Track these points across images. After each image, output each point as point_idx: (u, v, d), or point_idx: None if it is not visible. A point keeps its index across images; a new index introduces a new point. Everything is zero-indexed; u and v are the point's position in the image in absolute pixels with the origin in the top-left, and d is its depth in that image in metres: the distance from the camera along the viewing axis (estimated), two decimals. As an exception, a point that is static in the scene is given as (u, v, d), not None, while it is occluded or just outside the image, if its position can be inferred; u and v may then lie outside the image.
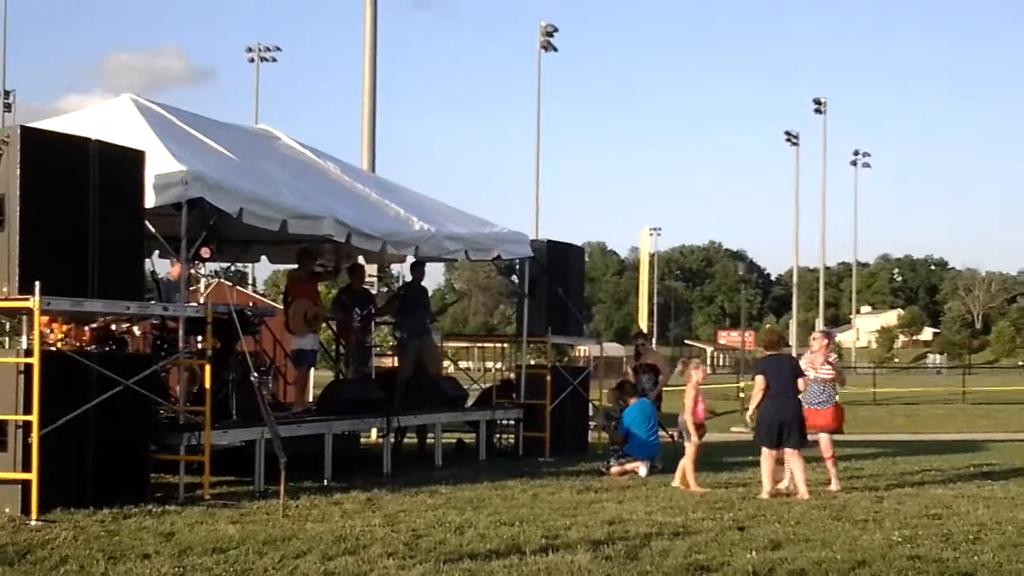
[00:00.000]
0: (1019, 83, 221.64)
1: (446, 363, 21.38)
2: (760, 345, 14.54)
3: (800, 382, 13.32)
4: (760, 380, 13.36)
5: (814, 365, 14.04)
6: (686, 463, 13.90)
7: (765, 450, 13.20)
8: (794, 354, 14.11)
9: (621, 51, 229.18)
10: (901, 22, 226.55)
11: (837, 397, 14.40)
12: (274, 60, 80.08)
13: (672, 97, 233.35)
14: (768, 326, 46.94)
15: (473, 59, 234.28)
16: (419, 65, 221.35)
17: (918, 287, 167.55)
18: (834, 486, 13.76)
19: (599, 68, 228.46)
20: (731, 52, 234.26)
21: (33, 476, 10.24)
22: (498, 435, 18.97)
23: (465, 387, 19.01)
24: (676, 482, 13.89)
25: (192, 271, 13.47)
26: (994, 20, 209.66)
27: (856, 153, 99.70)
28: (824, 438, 14.00)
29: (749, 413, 13.89)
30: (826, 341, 14.55)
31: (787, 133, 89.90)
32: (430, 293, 19.44)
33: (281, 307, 17.35)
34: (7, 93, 66.12)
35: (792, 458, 13.20)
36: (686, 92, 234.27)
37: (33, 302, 10.40)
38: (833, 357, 14.47)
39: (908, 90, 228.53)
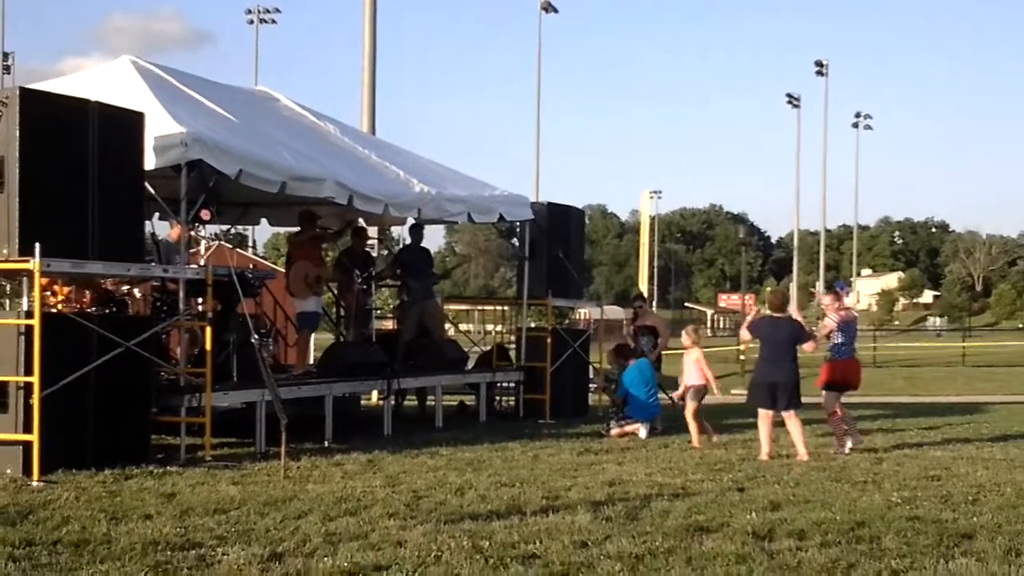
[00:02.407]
0: (1021, 46, 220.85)
1: (447, 326, 21.39)
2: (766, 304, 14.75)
3: (807, 346, 13.36)
4: (745, 334, 13.65)
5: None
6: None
7: (762, 412, 13.23)
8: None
9: (622, 13, 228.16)
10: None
11: (827, 353, 14.40)
12: (273, 22, 79.92)
13: (673, 59, 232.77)
14: (772, 288, 46.94)
15: (473, 21, 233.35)
16: (419, 27, 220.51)
17: (919, 250, 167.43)
18: (834, 448, 13.76)
19: (600, 30, 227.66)
20: (732, 14, 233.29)
21: (34, 437, 10.27)
22: (498, 397, 19.02)
23: (465, 350, 19.02)
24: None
25: (192, 233, 13.44)
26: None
27: (857, 115, 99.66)
28: (824, 395, 14.09)
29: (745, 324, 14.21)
30: (828, 298, 14.88)
31: (788, 95, 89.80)
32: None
33: (282, 270, 17.34)
34: (6, 55, 65.99)
35: (790, 420, 13.22)
36: (687, 54, 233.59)
37: (33, 264, 10.38)
38: (828, 317, 14.46)
39: (910, 52, 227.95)
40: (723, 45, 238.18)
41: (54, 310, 12.06)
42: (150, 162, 11.87)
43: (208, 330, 12.26)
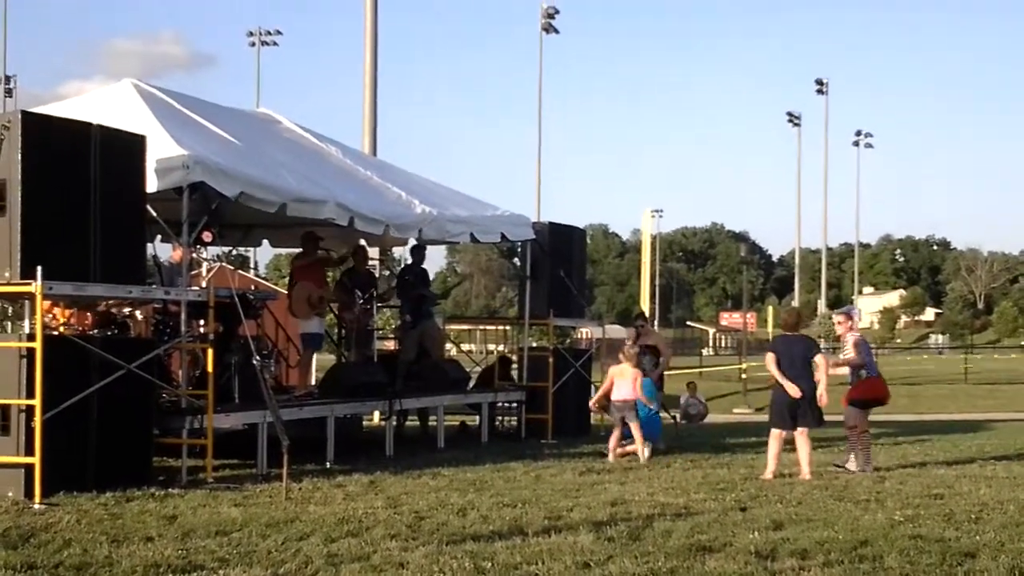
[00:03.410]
0: (1021, 63, 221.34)
1: (448, 346, 21.39)
2: (779, 324, 14.71)
3: (819, 361, 13.21)
4: (771, 357, 13.38)
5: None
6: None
7: (774, 431, 13.19)
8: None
9: (623, 32, 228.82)
10: (903, 1, 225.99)
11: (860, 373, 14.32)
12: (275, 44, 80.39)
13: (674, 79, 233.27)
14: (786, 308, 46.93)
15: (474, 42, 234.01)
16: (421, 48, 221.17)
17: (920, 267, 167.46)
18: (851, 464, 13.66)
19: (601, 50, 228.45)
20: (733, 33, 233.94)
21: (36, 460, 10.27)
22: (500, 417, 19.01)
23: (467, 370, 19.02)
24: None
25: (194, 255, 13.46)
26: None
27: (858, 133, 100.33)
28: (847, 411, 14.03)
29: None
30: (840, 319, 14.83)
31: (789, 114, 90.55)
32: (432, 276, 19.44)
33: (283, 291, 17.34)
34: (8, 79, 66.33)
35: (800, 437, 13.13)
36: (688, 73, 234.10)
37: (35, 287, 10.40)
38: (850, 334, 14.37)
39: (911, 70, 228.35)
40: (724, 64, 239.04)
41: (56, 333, 12.07)
42: (152, 185, 11.89)
43: (210, 352, 12.26)
